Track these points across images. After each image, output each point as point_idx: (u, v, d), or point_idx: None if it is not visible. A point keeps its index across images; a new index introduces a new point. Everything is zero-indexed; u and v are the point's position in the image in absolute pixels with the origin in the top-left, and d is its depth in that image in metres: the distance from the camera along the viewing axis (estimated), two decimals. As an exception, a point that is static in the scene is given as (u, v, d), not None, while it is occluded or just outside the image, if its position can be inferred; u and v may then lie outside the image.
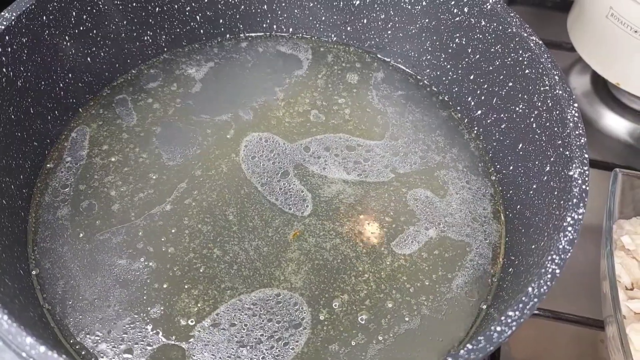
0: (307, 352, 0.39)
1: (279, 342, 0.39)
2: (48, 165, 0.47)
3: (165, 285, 0.41)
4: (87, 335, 0.39)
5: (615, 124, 0.64)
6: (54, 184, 0.46)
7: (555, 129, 0.40)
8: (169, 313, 0.40)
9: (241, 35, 0.56)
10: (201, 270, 0.42)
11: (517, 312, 0.31)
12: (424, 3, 0.50)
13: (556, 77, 0.41)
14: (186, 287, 0.41)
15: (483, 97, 0.49)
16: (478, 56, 0.48)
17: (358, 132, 0.50)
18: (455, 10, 0.48)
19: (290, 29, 0.56)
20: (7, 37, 0.41)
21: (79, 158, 0.47)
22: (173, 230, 0.44)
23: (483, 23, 0.46)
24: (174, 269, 0.42)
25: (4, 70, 0.41)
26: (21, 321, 0.31)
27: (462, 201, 0.46)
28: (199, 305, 0.40)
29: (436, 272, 0.43)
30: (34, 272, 0.42)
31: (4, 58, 0.41)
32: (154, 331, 0.39)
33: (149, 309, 0.40)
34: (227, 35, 0.55)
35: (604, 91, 0.66)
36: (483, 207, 0.46)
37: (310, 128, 0.50)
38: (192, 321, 0.40)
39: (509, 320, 0.31)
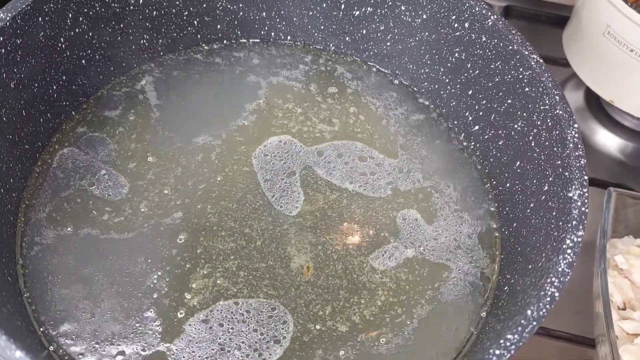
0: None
1: (255, 352, 0.39)
2: (38, 169, 0.46)
3: (160, 284, 0.40)
4: (76, 343, 0.38)
5: (608, 140, 0.65)
6: (45, 188, 0.45)
7: (555, 148, 0.40)
8: (162, 310, 0.40)
9: (239, 41, 0.55)
10: (203, 265, 0.41)
11: (516, 336, 0.31)
12: (424, 16, 0.50)
13: (557, 97, 0.41)
14: (183, 281, 0.40)
15: (481, 113, 0.48)
16: (477, 72, 0.48)
17: (363, 142, 0.50)
18: (456, 25, 0.48)
19: (289, 37, 0.55)
20: (1, 38, 0.40)
21: (71, 161, 0.46)
22: (175, 230, 0.43)
23: (484, 39, 0.46)
24: (167, 268, 0.41)
25: (-3, 71, 0.40)
26: (10, 332, 0.30)
27: (450, 225, 0.46)
28: (195, 300, 0.40)
29: (423, 290, 0.43)
30: (21, 279, 0.41)
31: (-3, 59, 0.40)
32: (147, 332, 0.39)
33: (141, 311, 0.39)
34: (225, 41, 0.55)
35: (597, 108, 0.67)
36: (469, 235, 0.46)
37: (321, 136, 0.50)
38: (182, 313, 0.40)
39: (508, 344, 0.31)
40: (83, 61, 0.48)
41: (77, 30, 0.46)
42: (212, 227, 0.44)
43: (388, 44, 0.53)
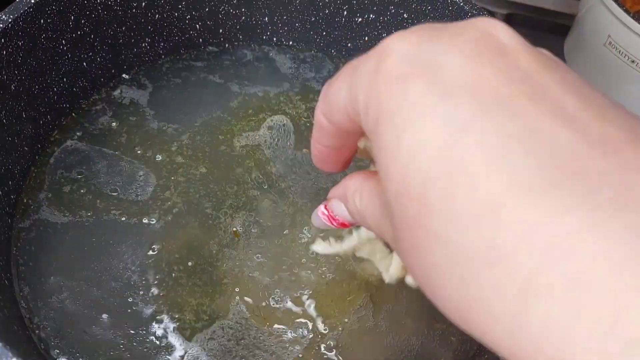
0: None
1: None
2: (37, 170, 0.45)
3: (159, 292, 0.40)
4: (73, 351, 0.38)
5: (607, 150, 0.65)
6: (43, 190, 0.45)
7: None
8: (166, 324, 0.39)
9: (240, 45, 0.55)
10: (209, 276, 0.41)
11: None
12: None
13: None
14: (178, 286, 0.40)
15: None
16: (479, 81, 0.48)
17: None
18: (458, 34, 0.48)
19: (291, 42, 0.55)
20: (2, 40, 0.39)
21: (70, 163, 0.46)
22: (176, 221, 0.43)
23: (486, 49, 0.46)
24: (166, 271, 0.41)
25: (-2, 73, 0.40)
26: (6, 338, 0.30)
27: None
28: (191, 309, 0.40)
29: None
30: (16, 283, 0.40)
31: (-2, 61, 0.40)
32: (146, 342, 0.38)
33: (142, 320, 0.39)
34: (226, 45, 0.55)
35: (597, 117, 0.67)
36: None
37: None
38: (177, 320, 0.39)
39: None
40: (84, 63, 0.47)
41: (78, 32, 0.45)
42: (207, 221, 0.44)
43: (390, 51, 0.53)
